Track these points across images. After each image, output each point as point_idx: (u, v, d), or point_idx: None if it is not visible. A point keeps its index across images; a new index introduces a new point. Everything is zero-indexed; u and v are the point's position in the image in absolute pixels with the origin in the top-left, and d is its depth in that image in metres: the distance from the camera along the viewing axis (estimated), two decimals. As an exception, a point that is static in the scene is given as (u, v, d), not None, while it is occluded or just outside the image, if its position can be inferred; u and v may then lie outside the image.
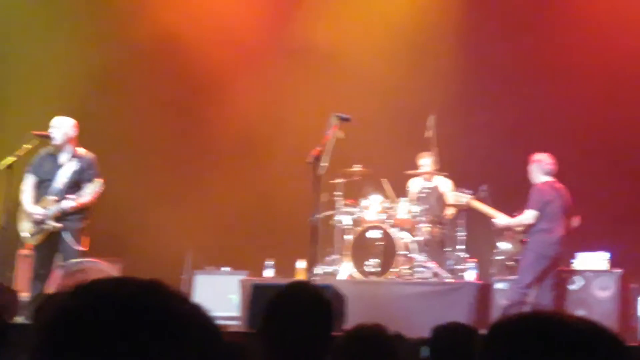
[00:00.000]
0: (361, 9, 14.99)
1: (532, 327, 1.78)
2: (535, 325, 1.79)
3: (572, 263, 12.12)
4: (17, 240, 11.55)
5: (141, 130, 14.72)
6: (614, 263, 11.97)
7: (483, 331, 8.17)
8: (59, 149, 11.10)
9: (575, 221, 11.67)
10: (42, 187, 11.14)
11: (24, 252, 12.10)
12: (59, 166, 11.12)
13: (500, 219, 11.95)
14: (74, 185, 11.05)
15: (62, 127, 11.10)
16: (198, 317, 1.66)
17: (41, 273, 10.93)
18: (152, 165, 14.31)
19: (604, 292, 11.72)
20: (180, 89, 14.97)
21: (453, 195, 12.64)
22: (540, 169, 11.66)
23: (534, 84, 14.28)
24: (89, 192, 10.97)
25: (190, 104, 14.95)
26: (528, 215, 11.49)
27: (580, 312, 11.32)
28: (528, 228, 11.57)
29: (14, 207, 11.23)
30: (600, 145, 13.70)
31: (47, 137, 11.16)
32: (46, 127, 11.21)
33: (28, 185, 11.17)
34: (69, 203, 10.89)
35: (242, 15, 15.02)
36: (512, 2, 14.57)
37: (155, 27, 14.64)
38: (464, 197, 12.28)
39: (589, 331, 1.78)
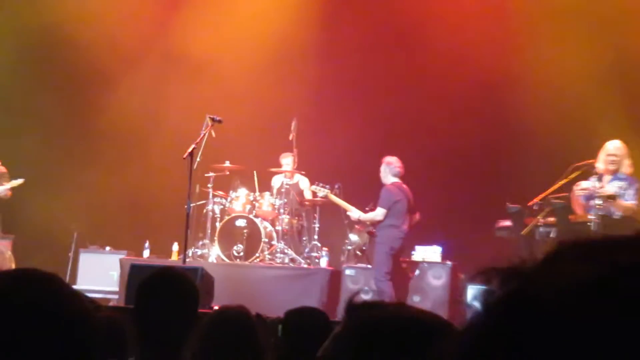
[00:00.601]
0: (234, 22, 14.77)
1: (382, 318, 1.72)
2: (385, 316, 1.72)
3: (412, 255, 12.37)
4: None
5: (35, 116, 14.32)
6: (445, 256, 12.24)
7: (333, 315, 8.82)
8: None
9: (416, 217, 11.95)
10: None
11: None
12: None
13: (354, 213, 12.17)
14: None
15: None
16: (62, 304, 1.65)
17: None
18: (44, 149, 13.92)
19: (438, 281, 12.01)
20: (68, 82, 14.64)
21: (314, 188, 12.72)
22: (390, 170, 11.87)
23: (383, 95, 14.40)
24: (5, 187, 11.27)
25: (78, 96, 14.58)
26: (378, 213, 11.72)
27: (416, 298, 11.77)
28: (377, 223, 11.81)
29: None
30: (438, 152, 13.92)
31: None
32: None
33: None
34: None
35: (124, 18, 14.60)
36: (366, 21, 14.52)
37: (47, 25, 14.19)
38: (323, 191, 12.49)
39: (429, 321, 1.72)
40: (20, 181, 11.29)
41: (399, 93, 14.33)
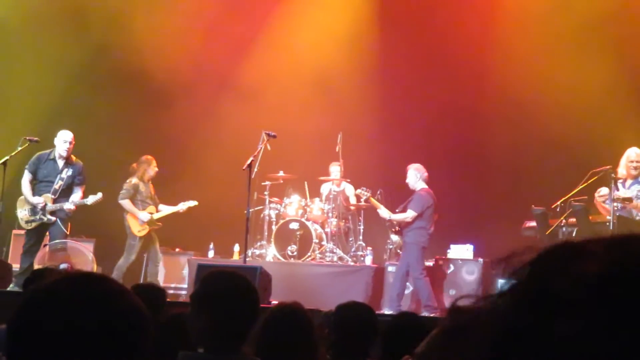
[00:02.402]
0: (285, 47, 14.93)
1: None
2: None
3: (448, 252, 12.38)
4: (12, 222, 11.68)
5: (113, 134, 14.41)
6: (476, 253, 12.21)
7: (377, 307, 8.90)
8: (61, 157, 11.24)
9: (435, 217, 11.84)
10: (41, 185, 11.26)
11: (17, 232, 12.18)
12: (58, 171, 11.26)
13: (385, 212, 12.11)
14: (67, 188, 11.26)
15: (65, 138, 11.22)
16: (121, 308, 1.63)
17: (31, 250, 11.14)
18: (120, 162, 13.55)
19: (471, 276, 12.03)
20: (140, 106, 14.63)
21: (358, 191, 12.57)
22: (421, 176, 11.86)
23: (417, 109, 14.30)
24: (87, 202, 11.20)
25: (151, 116, 14.53)
26: (409, 215, 11.65)
27: (452, 292, 11.84)
28: (407, 225, 11.72)
29: (8, 196, 11.21)
30: (470, 160, 14.01)
31: (36, 142, 11.26)
32: (32, 132, 11.36)
33: (26, 181, 11.29)
34: (69, 206, 11.15)
35: (195, 52, 14.78)
36: (404, 45, 14.50)
37: (123, 54, 14.35)
38: (366, 194, 12.41)
39: None
40: (99, 196, 11.36)
41: (433, 107, 14.24)
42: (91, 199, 11.29)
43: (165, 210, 12.45)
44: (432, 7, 14.50)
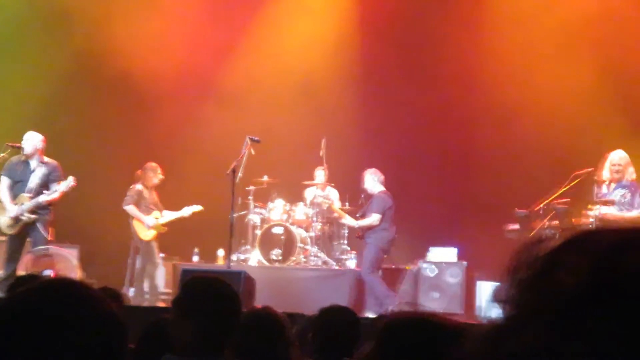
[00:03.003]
0: (269, 53, 14.91)
1: (417, 326, 1.77)
2: (418, 324, 1.77)
3: (427, 255, 12.37)
4: None
5: (97, 140, 14.42)
6: (460, 256, 12.26)
7: (360, 310, 8.92)
8: (28, 157, 11.16)
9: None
10: (17, 187, 11.14)
11: (1, 238, 11.90)
12: (31, 171, 11.17)
13: (350, 221, 12.38)
14: (43, 185, 11.13)
15: (32, 140, 11.17)
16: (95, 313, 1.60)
17: (13, 256, 11.02)
18: (104, 167, 13.93)
19: (454, 279, 12.08)
20: (126, 110, 14.56)
21: (319, 199, 12.76)
22: (378, 179, 12.01)
23: (400, 116, 14.29)
24: (60, 189, 10.99)
25: (134, 121, 14.54)
26: (375, 218, 11.80)
27: (435, 294, 11.92)
28: (371, 228, 11.86)
29: None
30: (453, 165, 13.98)
31: (19, 148, 11.13)
32: (16, 138, 11.22)
33: (4, 186, 11.18)
34: (44, 197, 10.98)
35: (178, 57, 14.73)
36: (387, 51, 14.47)
37: (106, 59, 14.24)
38: (327, 201, 12.65)
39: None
40: (69, 180, 11.25)
41: (416, 111, 14.25)
42: (63, 185, 11.16)
43: (170, 215, 12.44)
44: (415, 12, 14.46)
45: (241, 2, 15.34)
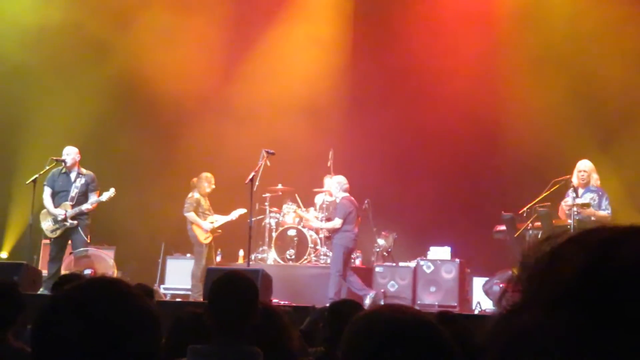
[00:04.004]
0: (283, 73, 14.88)
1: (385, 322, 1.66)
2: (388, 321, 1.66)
3: (428, 254, 12.35)
4: (40, 233, 11.62)
5: (134, 153, 14.36)
6: (453, 254, 12.22)
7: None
8: (69, 169, 11.32)
9: (359, 220, 11.99)
10: (59, 196, 11.28)
11: (46, 241, 12.12)
12: (71, 181, 11.32)
13: (316, 223, 12.49)
14: (83, 194, 11.27)
15: (71, 153, 11.33)
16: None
17: (57, 257, 11.16)
18: (137, 178, 14.02)
19: (449, 275, 11.97)
20: (156, 128, 14.67)
21: (285, 206, 12.93)
22: (340, 187, 11.91)
23: (399, 129, 14.28)
24: (102, 199, 11.17)
25: (164, 137, 14.69)
26: (337, 222, 11.67)
27: (432, 289, 11.89)
28: (336, 230, 11.73)
29: (37, 210, 11.32)
30: (446, 173, 13.84)
31: (62, 161, 11.28)
32: (60, 153, 11.35)
33: (47, 195, 11.34)
34: (87, 206, 11.13)
35: (201, 74, 14.77)
36: (386, 70, 14.52)
37: (137, 85, 14.47)
38: (292, 206, 12.84)
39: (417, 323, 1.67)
40: (111, 192, 11.33)
41: (413, 125, 14.27)
42: (105, 196, 11.28)
43: (221, 219, 12.41)
44: (408, 34, 14.51)
45: (254, 30, 15.41)
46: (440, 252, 12.40)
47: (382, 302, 10.95)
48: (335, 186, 11.99)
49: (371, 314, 1.78)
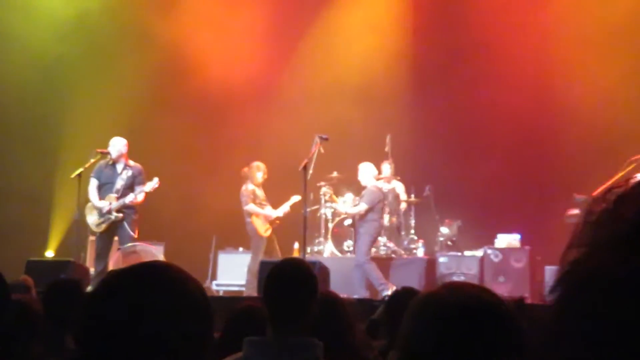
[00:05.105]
0: (332, 61, 15.04)
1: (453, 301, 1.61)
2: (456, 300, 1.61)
3: (495, 242, 12.30)
4: (87, 229, 11.79)
5: (180, 144, 14.65)
6: (523, 242, 12.20)
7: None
8: (115, 161, 11.38)
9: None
10: (104, 189, 11.34)
11: (93, 238, 12.22)
12: (117, 173, 11.38)
13: (340, 206, 12.54)
14: (129, 187, 11.31)
15: (117, 145, 11.37)
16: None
17: (102, 253, 11.27)
18: (183, 169, 14.20)
19: (519, 264, 11.99)
20: (203, 113, 14.84)
21: (323, 190, 12.89)
22: (371, 174, 11.93)
23: (461, 109, 14.29)
24: (145, 189, 11.22)
25: (211, 124, 14.79)
26: (362, 208, 11.68)
27: (501, 279, 11.84)
28: (361, 217, 11.72)
29: (83, 205, 11.41)
30: (515, 156, 13.81)
31: (107, 153, 11.34)
32: (104, 145, 11.42)
33: (93, 187, 11.38)
34: (130, 198, 11.16)
35: (248, 60, 14.89)
36: (450, 43, 14.54)
37: (183, 73, 14.69)
38: (328, 191, 12.79)
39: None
40: (154, 182, 11.41)
41: (475, 104, 14.23)
42: (148, 186, 11.32)
43: (282, 208, 12.42)
44: (470, 12, 14.47)
45: (306, 14, 15.46)
46: (508, 240, 12.36)
47: None
48: (366, 173, 11.95)
49: (432, 295, 1.74)
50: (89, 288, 9.95)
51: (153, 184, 11.30)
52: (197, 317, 1.61)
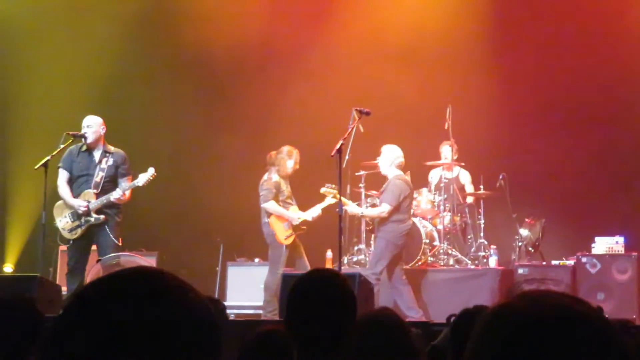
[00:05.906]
0: (372, 12, 15.16)
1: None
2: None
3: (592, 247, 12.26)
4: (56, 236, 11.52)
5: (170, 122, 14.81)
6: (628, 246, 12.12)
7: None
8: (91, 146, 11.24)
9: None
10: (79, 182, 11.23)
11: (64, 248, 12.06)
12: (95, 163, 11.24)
13: (354, 208, 12.23)
14: (111, 180, 11.19)
15: (93, 125, 11.24)
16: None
17: (76, 267, 11.11)
18: (181, 159, 14.39)
19: (623, 275, 11.98)
20: (206, 83, 15.09)
21: (323, 189, 12.25)
22: (394, 161, 11.88)
23: (544, 80, 14.46)
24: (138, 182, 11.13)
25: (219, 95, 15.02)
26: (384, 209, 11.75)
27: (600, 296, 11.77)
28: (382, 221, 11.82)
29: (51, 204, 11.26)
30: (617, 134, 13.99)
31: (82, 137, 11.18)
32: (77, 126, 11.30)
33: (62, 181, 11.28)
34: (117, 194, 11.00)
35: (266, 21, 15.13)
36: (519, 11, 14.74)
37: (188, 38, 14.85)
38: (332, 191, 12.01)
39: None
40: (150, 173, 11.34)
41: (565, 72, 14.31)
42: (142, 178, 11.21)
43: (313, 211, 12.25)
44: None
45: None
46: (609, 244, 12.30)
47: None
48: (386, 159, 11.92)
49: (504, 307, 1.67)
50: (62, 311, 10.15)
51: (148, 176, 11.23)
52: (200, 346, 1.61)
